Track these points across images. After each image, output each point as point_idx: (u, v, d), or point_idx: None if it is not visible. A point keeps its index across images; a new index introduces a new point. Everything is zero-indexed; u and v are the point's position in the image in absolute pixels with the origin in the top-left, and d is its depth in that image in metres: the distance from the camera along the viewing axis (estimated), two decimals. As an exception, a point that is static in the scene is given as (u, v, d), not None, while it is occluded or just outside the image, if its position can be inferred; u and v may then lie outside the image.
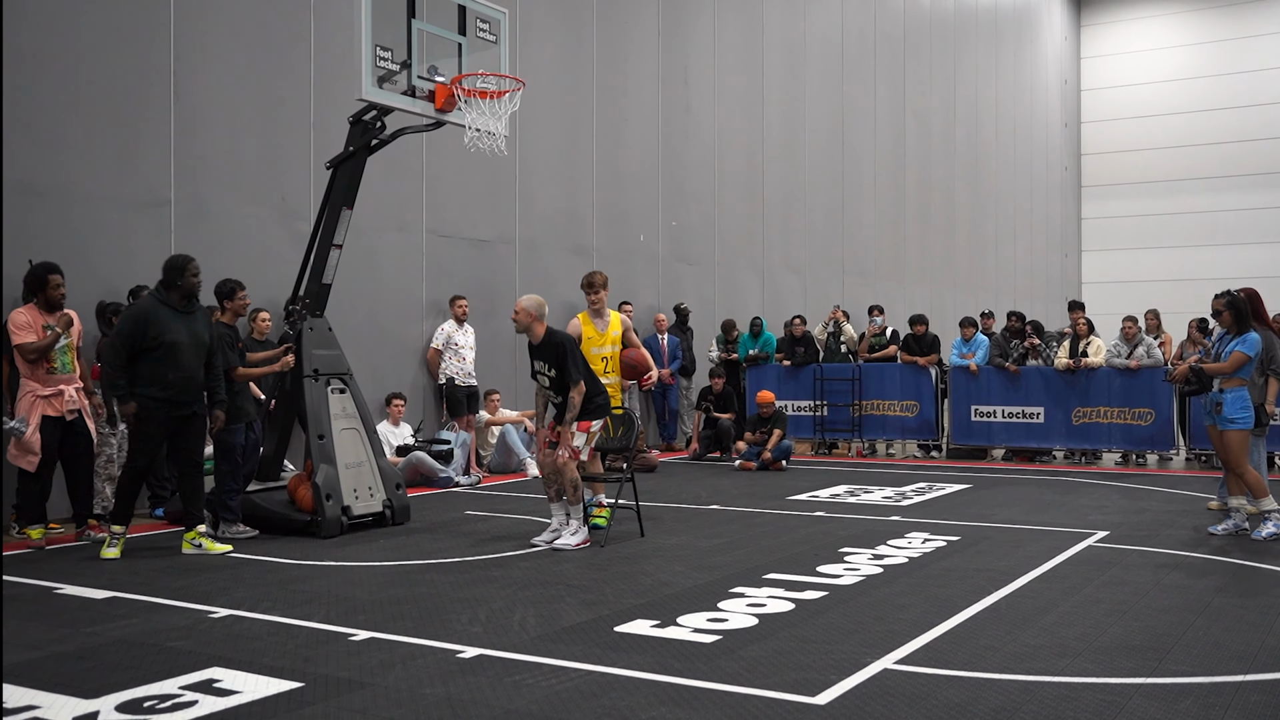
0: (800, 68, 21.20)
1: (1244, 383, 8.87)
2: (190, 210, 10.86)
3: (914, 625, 6.04)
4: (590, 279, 9.67)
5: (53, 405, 8.44)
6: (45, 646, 5.67)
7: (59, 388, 8.45)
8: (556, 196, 15.52)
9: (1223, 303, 9.09)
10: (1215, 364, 9.05)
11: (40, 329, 8.38)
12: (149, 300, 8.29)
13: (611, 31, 16.43)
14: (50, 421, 8.42)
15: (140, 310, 8.20)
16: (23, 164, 9.58)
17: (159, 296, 8.27)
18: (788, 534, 9.10)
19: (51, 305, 8.51)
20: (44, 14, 9.77)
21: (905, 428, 15.85)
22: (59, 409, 8.45)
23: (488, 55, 9.80)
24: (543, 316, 8.61)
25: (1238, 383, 8.86)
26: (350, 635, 5.86)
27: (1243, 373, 8.85)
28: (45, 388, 8.42)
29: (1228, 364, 8.88)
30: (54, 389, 8.44)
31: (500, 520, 9.86)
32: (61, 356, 8.50)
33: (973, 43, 28.53)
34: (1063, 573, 7.51)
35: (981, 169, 28.97)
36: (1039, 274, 32.37)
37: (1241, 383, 8.86)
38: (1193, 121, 33.52)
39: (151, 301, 8.25)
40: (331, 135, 11.14)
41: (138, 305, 8.35)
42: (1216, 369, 8.98)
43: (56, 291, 8.49)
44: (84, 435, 8.66)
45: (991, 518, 9.89)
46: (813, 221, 21.56)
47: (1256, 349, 8.83)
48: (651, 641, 5.72)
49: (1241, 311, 8.97)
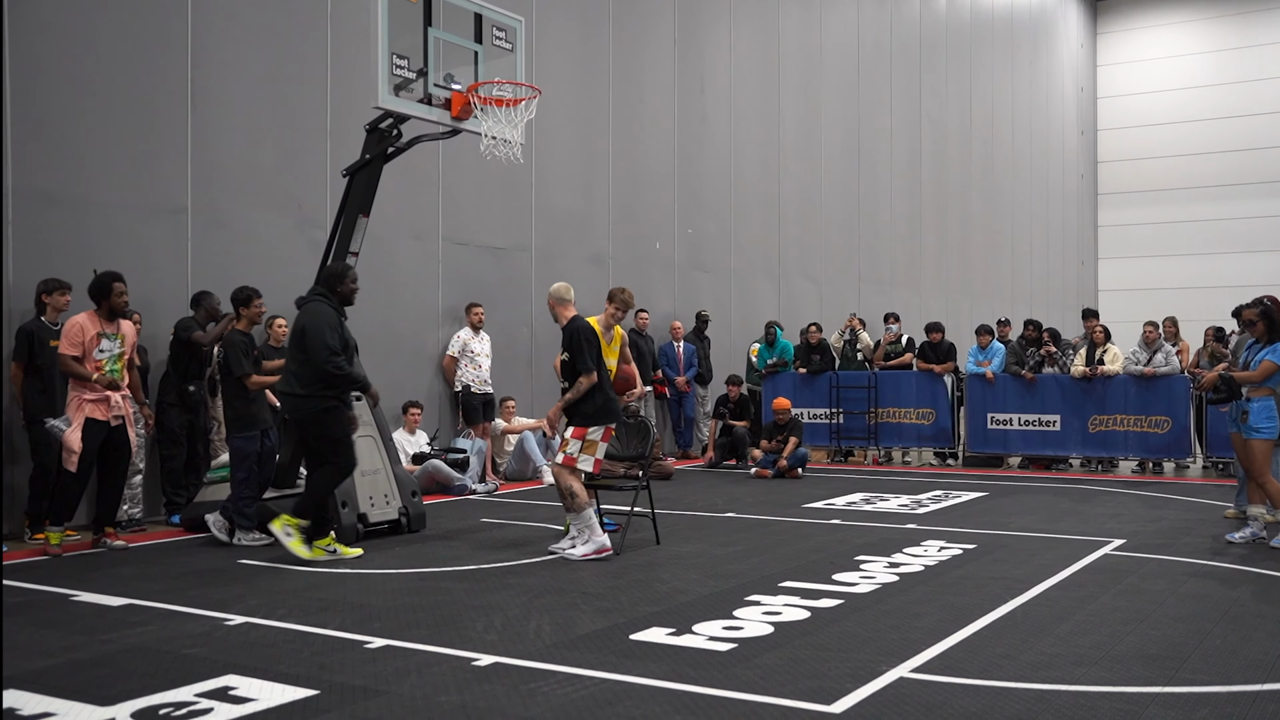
0: (816, 76, 21.20)
1: (1271, 392, 8.81)
2: (207, 218, 10.92)
3: (930, 633, 6.01)
4: (624, 298, 9.38)
5: (99, 409, 8.50)
6: (61, 654, 5.70)
7: (105, 393, 8.52)
8: (572, 204, 15.54)
9: (1256, 312, 9.01)
10: (1245, 372, 8.99)
11: (95, 338, 8.47)
12: (327, 306, 8.37)
13: (628, 40, 16.46)
14: (95, 425, 8.49)
15: (331, 315, 8.33)
16: (41, 172, 9.65)
17: (330, 303, 8.40)
18: (803, 542, 9.08)
19: (114, 313, 8.62)
20: (62, 23, 9.84)
21: (921, 435, 15.81)
22: (105, 414, 8.51)
23: (504, 63, 9.83)
24: (565, 301, 8.58)
25: (1265, 392, 8.81)
26: (366, 643, 5.86)
27: (1271, 382, 8.81)
28: (92, 392, 8.50)
29: (1258, 373, 8.82)
30: (100, 394, 8.51)
31: (516, 528, 9.86)
32: (110, 365, 8.56)
33: (989, 51, 28.49)
34: (1079, 581, 7.47)
35: (997, 176, 28.91)
36: (1055, 281, 32.27)
37: (1269, 392, 8.81)
38: (1209, 129, 33.40)
39: (329, 307, 8.37)
40: (348, 143, 11.18)
41: (326, 311, 8.34)
42: (1246, 377, 8.91)
43: (120, 299, 8.61)
44: (124, 444, 8.73)
45: (1007, 526, 9.84)
46: (829, 229, 21.54)
47: None
48: (667, 650, 5.71)
49: (1274, 320, 8.92)
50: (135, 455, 9.67)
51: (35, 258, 9.52)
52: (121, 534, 9.18)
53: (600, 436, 8.38)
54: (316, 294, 8.50)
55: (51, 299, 9.14)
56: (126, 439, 8.74)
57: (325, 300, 8.42)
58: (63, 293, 9.16)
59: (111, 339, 8.58)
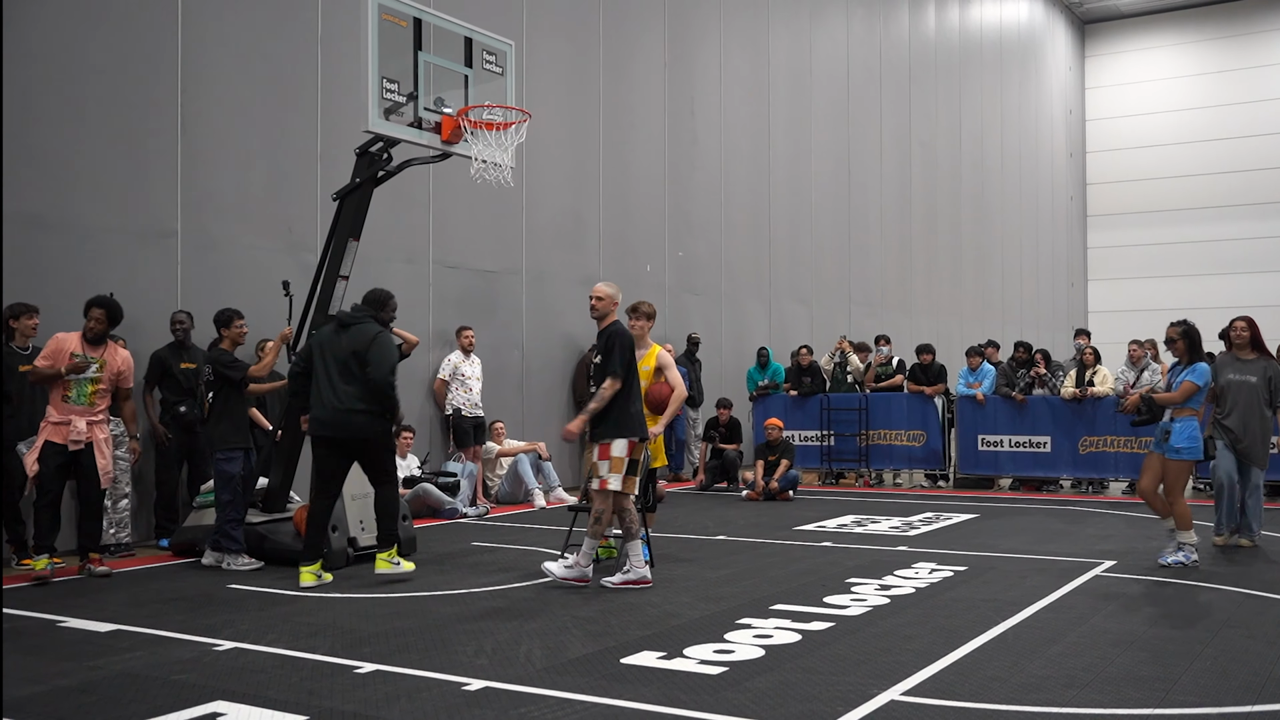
0: (806, 98, 21.30)
1: (1194, 413, 8.82)
2: (197, 242, 10.92)
3: (921, 656, 6.00)
4: (634, 305, 9.23)
5: (59, 432, 8.47)
6: (48, 680, 5.66)
7: (69, 417, 8.48)
8: (563, 227, 15.57)
9: (1178, 331, 9.03)
10: (1166, 394, 9.03)
11: (68, 357, 8.46)
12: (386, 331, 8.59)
13: (618, 63, 16.53)
14: (52, 448, 8.45)
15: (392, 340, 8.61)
16: (31, 196, 9.64)
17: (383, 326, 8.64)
18: (794, 564, 9.07)
19: (90, 338, 8.63)
20: (52, 47, 9.85)
21: (912, 457, 15.82)
22: (63, 438, 8.48)
23: (494, 87, 9.85)
24: (617, 303, 8.49)
25: (1188, 413, 8.81)
26: (356, 668, 5.84)
27: (1193, 403, 8.81)
28: (58, 414, 8.49)
29: (1178, 394, 8.84)
30: (65, 417, 8.48)
31: (506, 551, 9.83)
32: (78, 387, 8.53)
33: (978, 73, 28.66)
34: (1070, 603, 7.47)
35: (987, 199, 29.03)
36: (1045, 303, 32.38)
37: (1192, 413, 8.82)
38: (1197, 151, 33.62)
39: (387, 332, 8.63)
40: (338, 167, 11.19)
41: (388, 336, 8.56)
42: (1167, 399, 8.95)
43: (91, 325, 8.62)
44: (89, 468, 8.62)
45: (998, 547, 9.85)
46: (819, 251, 21.60)
47: (1206, 379, 8.83)
48: (658, 673, 5.70)
49: (1194, 341, 8.96)
50: (119, 481, 9.64)
51: (25, 282, 9.49)
52: (108, 559, 9.12)
53: (625, 451, 8.06)
54: (369, 315, 8.56)
55: (19, 323, 9.08)
56: (91, 464, 8.60)
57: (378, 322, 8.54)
58: (30, 316, 9.10)
59: (88, 360, 8.51)
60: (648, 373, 9.12)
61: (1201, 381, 8.80)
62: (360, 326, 8.44)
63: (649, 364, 9.13)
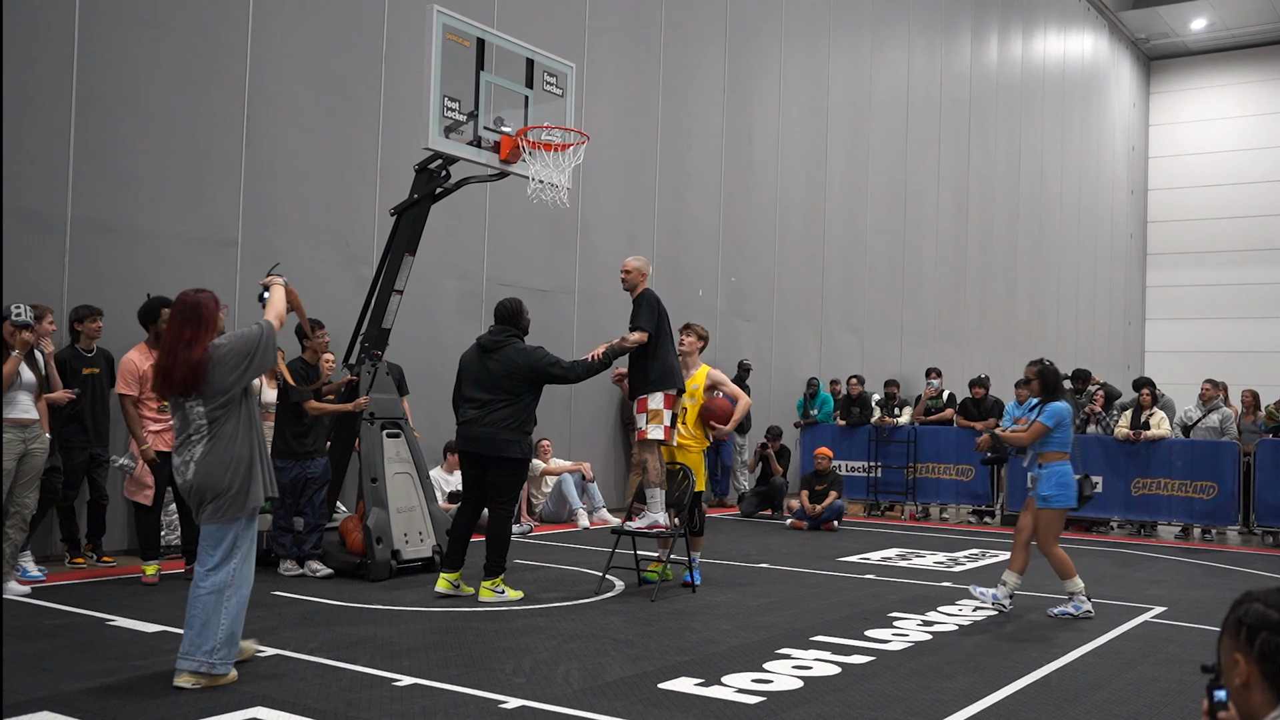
0: (864, 128, 21.25)
1: (1065, 456, 8.32)
2: (257, 252, 11.07)
3: (961, 695, 5.94)
4: (687, 324, 9.64)
5: (163, 439, 8.55)
6: (94, 678, 5.74)
7: (170, 422, 8.57)
8: (617, 249, 15.56)
9: (1034, 370, 8.63)
10: (1013, 432, 8.72)
11: (150, 370, 8.50)
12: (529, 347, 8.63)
13: (677, 88, 16.59)
14: (163, 455, 8.51)
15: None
16: (97, 202, 9.85)
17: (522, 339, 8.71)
18: (837, 596, 9.01)
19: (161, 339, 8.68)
20: (125, 60, 10.06)
21: (960, 492, 15.67)
22: (170, 443, 8.55)
23: (554, 108, 9.92)
24: (647, 275, 9.00)
25: (1056, 457, 8.28)
26: (394, 680, 5.87)
27: (1054, 446, 8.30)
28: (156, 424, 8.59)
29: (1027, 434, 8.43)
30: (165, 424, 8.57)
31: (549, 570, 9.85)
32: None
33: (1039, 107, 28.45)
34: (1117, 648, 7.35)
35: (1045, 234, 28.77)
36: (1101, 341, 31.99)
37: (1062, 456, 8.29)
38: (1261, 192, 33.15)
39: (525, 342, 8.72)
40: (397, 183, 11.32)
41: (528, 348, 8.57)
42: (1013, 438, 8.64)
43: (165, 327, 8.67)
44: None
45: (1045, 588, 9.71)
46: (873, 281, 21.50)
47: (1057, 419, 8.32)
48: (695, 700, 5.68)
49: (1049, 381, 8.53)
50: None
51: (90, 285, 9.68)
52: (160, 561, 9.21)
53: (661, 404, 8.62)
54: (510, 334, 8.55)
55: (84, 326, 9.19)
56: None
57: (519, 337, 8.59)
58: (94, 319, 9.21)
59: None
60: (697, 391, 9.20)
61: (1052, 422, 8.27)
62: (506, 350, 8.46)
63: (698, 382, 9.23)
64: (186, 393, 5.69)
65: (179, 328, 5.72)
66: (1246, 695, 2.46)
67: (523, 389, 8.39)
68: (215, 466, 5.67)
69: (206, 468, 5.67)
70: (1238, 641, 2.48)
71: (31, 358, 8.02)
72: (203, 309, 5.76)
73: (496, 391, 8.36)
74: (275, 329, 5.93)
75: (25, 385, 7.88)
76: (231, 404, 5.75)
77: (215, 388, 5.68)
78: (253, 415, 5.88)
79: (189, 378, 5.64)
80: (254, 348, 5.76)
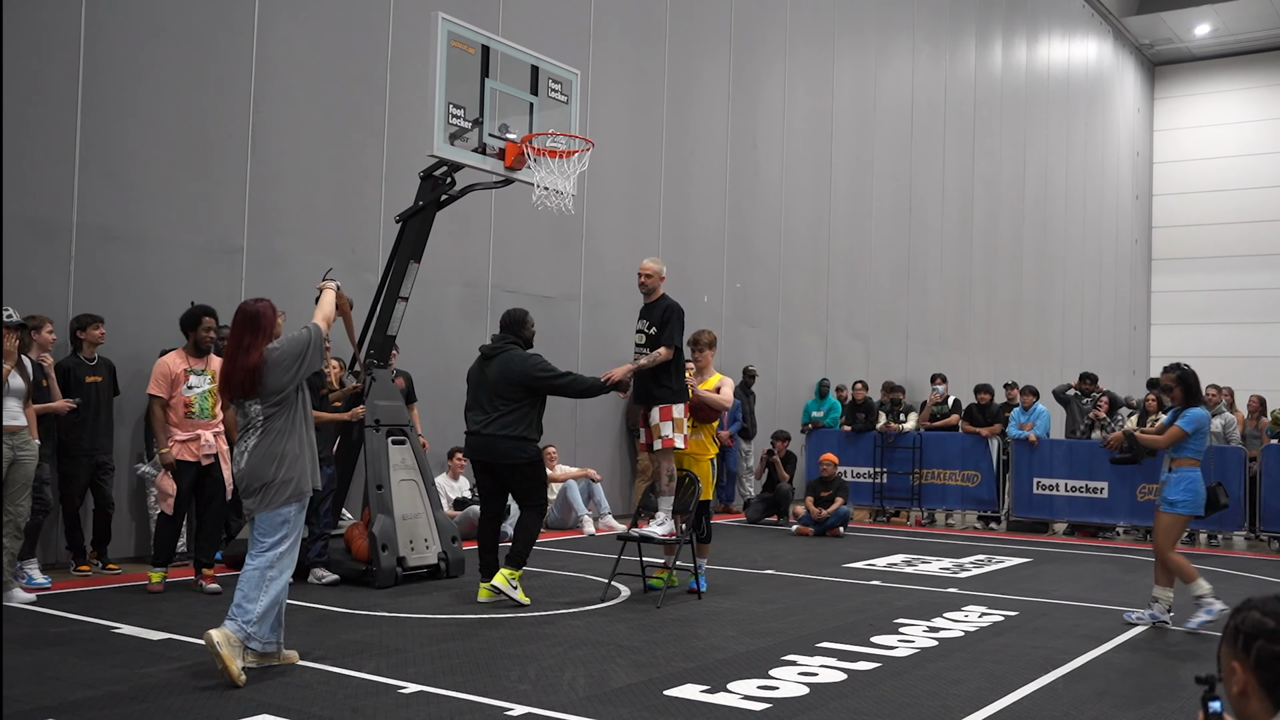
0: (869, 134, 21.26)
1: (1196, 463, 8.20)
2: (262, 258, 11.09)
3: (968, 702, 5.92)
4: (694, 336, 9.59)
5: (189, 449, 8.55)
6: (100, 686, 5.74)
7: (196, 432, 8.59)
8: (622, 255, 15.60)
9: (1172, 377, 8.47)
10: (1151, 435, 8.64)
11: (183, 374, 8.56)
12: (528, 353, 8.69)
13: (682, 93, 16.60)
14: (186, 466, 8.53)
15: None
16: (102, 208, 9.87)
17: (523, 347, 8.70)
18: (842, 602, 8.99)
19: (200, 349, 8.68)
20: (130, 66, 10.09)
21: (965, 498, 15.65)
22: (195, 454, 8.56)
23: (558, 115, 9.93)
24: (664, 278, 9.20)
25: (1188, 463, 8.16)
26: (400, 687, 5.86)
27: (1188, 453, 8.20)
28: (183, 432, 8.58)
29: (1164, 437, 8.32)
30: (191, 433, 8.57)
31: (554, 577, 9.84)
32: (201, 401, 8.62)
33: (1044, 113, 28.45)
34: (1124, 655, 7.33)
35: (1050, 239, 28.76)
36: (1106, 346, 31.95)
37: (1193, 463, 8.16)
38: (1266, 197, 33.13)
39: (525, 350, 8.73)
40: (402, 189, 11.33)
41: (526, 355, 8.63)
42: (1151, 440, 8.52)
43: (206, 334, 8.68)
44: (218, 481, 8.68)
45: (1051, 594, 9.69)
46: (878, 287, 21.50)
47: (1196, 425, 8.20)
48: (700, 707, 5.67)
49: (1190, 386, 8.37)
50: None
51: (96, 292, 9.70)
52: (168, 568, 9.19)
53: (683, 413, 8.82)
54: (510, 342, 8.62)
55: (86, 334, 9.19)
56: (220, 477, 8.66)
57: (519, 345, 8.63)
58: (96, 326, 9.22)
59: (200, 374, 8.65)
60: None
61: (1190, 428, 8.15)
62: (501, 356, 8.53)
63: (710, 387, 9.37)
64: (247, 395, 6.14)
65: (240, 335, 6.14)
66: (1244, 703, 2.46)
67: (520, 396, 8.42)
68: (263, 458, 6.10)
69: (256, 458, 6.11)
70: (1235, 649, 2.49)
71: (21, 364, 8.02)
72: (261, 318, 6.19)
73: (496, 399, 8.43)
74: (324, 331, 6.39)
75: (14, 392, 7.87)
76: (285, 402, 6.18)
77: (270, 389, 6.13)
78: (306, 412, 6.31)
79: (247, 381, 6.09)
80: (304, 350, 6.20)
